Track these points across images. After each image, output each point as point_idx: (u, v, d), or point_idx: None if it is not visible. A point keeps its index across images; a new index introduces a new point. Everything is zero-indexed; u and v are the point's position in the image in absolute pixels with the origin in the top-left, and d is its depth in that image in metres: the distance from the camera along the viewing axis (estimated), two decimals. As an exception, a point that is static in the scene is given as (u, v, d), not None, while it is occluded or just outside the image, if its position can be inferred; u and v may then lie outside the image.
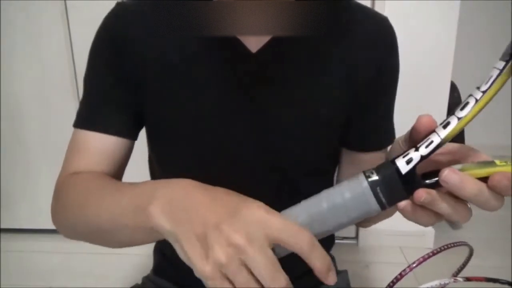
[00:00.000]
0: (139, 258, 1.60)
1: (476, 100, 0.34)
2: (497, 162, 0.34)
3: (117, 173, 0.62)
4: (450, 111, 0.37)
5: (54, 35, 1.57)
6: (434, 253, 0.44)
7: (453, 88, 1.66)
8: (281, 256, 0.36)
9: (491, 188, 0.34)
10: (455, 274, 0.48)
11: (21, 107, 1.67)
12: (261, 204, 0.37)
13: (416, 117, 0.38)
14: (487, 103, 0.34)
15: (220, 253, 0.34)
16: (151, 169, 0.72)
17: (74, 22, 1.56)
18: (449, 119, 0.36)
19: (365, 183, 0.36)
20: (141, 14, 0.58)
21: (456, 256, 0.50)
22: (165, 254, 0.73)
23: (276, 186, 0.62)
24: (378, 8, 1.47)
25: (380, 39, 0.60)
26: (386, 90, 0.63)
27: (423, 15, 1.49)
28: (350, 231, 1.76)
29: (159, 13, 0.57)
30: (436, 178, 0.35)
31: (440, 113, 1.55)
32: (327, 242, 0.77)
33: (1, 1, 1.54)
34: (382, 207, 0.36)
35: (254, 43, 0.56)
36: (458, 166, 0.35)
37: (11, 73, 1.63)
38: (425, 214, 0.37)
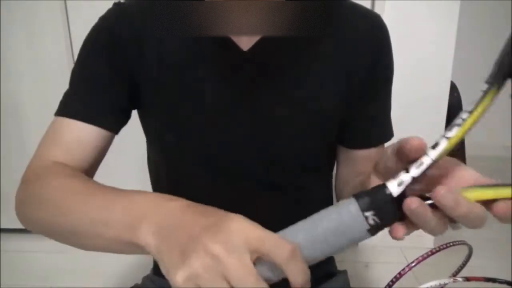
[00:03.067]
0: (139, 258, 1.60)
1: (463, 120, 0.35)
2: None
3: (92, 165, 0.60)
4: (450, 111, 0.37)
5: (54, 35, 1.57)
6: (433, 252, 0.44)
7: (453, 88, 1.66)
8: (267, 280, 0.34)
9: (495, 215, 0.34)
10: (455, 274, 0.48)
11: (21, 107, 1.67)
12: (243, 216, 0.36)
13: (416, 117, 0.38)
14: (473, 123, 0.34)
15: (196, 263, 0.33)
16: (150, 166, 0.72)
17: (74, 22, 1.56)
18: (438, 140, 0.35)
19: (355, 206, 0.35)
20: (137, 15, 0.59)
21: (455, 256, 0.50)
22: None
23: (275, 183, 0.62)
24: (378, 8, 1.47)
25: (373, 34, 0.61)
26: (380, 85, 0.64)
27: (423, 15, 1.49)
28: (350, 231, 1.76)
29: (154, 14, 0.58)
30: (427, 201, 0.34)
31: (440, 113, 1.55)
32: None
33: (1, 1, 1.54)
34: (373, 231, 0.35)
35: (245, 41, 0.57)
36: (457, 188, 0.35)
37: (11, 73, 1.63)
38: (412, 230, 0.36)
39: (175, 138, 0.62)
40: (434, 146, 0.35)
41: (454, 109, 1.63)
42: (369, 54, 0.60)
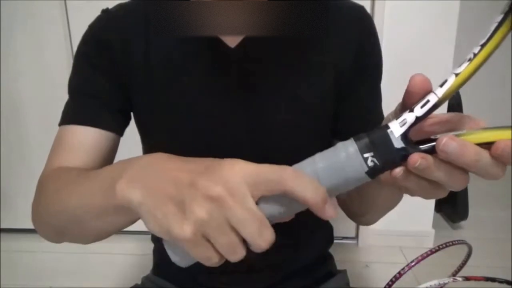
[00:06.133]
0: (139, 258, 1.60)
1: (474, 54, 0.31)
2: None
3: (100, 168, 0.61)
4: (450, 112, 0.36)
5: (54, 35, 1.57)
6: (432, 252, 0.44)
7: (453, 88, 1.66)
8: (270, 220, 0.32)
9: (494, 157, 0.31)
10: (454, 274, 0.48)
11: (21, 107, 1.67)
12: (236, 159, 0.34)
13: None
14: (486, 57, 0.31)
15: (199, 210, 0.31)
16: None
17: (74, 22, 1.56)
18: (447, 78, 0.32)
19: (353, 145, 0.32)
20: (124, 18, 0.60)
21: (455, 256, 0.50)
22: (164, 254, 0.72)
23: None
24: (378, 8, 1.47)
25: (357, 24, 0.62)
26: (369, 73, 0.65)
27: (423, 15, 1.49)
28: (350, 231, 1.76)
29: (140, 16, 0.59)
30: (432, 144, 0.31)
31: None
32: (326, 241, 0.77)
33: (1, 1, 1.54)
34: (371, 173, 0.32)
35: (232, 39, 0.58)
36: (457, 132, 0.31)
37: (11, 73, 1.63)
38: (419, 182, 0.33)
39: (166, 139, 0.62)
40: (442, 84, 0.32)
41: (454, 109, 1.63)
42: (353, 45, 0.61)
